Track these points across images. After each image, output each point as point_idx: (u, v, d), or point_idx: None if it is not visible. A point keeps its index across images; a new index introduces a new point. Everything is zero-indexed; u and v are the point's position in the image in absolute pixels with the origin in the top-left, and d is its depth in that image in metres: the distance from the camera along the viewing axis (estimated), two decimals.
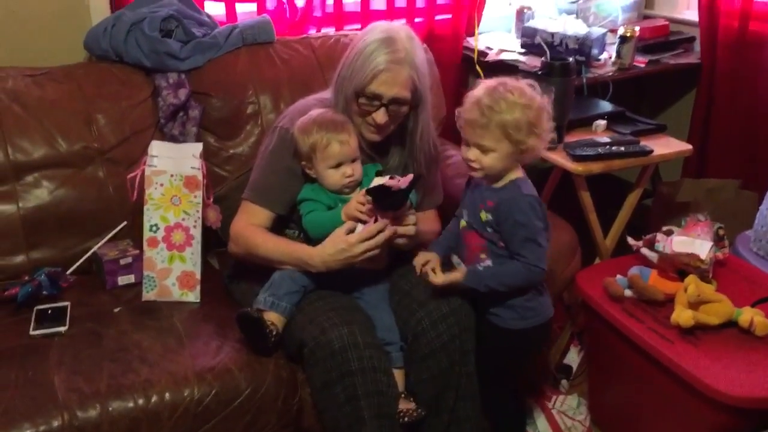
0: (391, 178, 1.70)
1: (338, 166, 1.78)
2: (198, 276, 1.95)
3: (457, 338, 1.78)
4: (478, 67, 2.40)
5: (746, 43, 2.75)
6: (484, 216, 1.71)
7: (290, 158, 1.85)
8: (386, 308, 1.85)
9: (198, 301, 1.95)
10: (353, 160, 1.80)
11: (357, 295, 1.86)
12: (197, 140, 2.21)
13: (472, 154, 1.68)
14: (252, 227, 1.86)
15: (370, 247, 1.70)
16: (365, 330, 1.73)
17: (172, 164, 1.94)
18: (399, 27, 1.85)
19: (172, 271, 1.93)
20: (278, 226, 1.92)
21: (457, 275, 1.74)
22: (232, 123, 2.27)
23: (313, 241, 1.80)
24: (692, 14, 2.94)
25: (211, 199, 2.07)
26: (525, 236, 1.67)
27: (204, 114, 2.24)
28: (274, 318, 1.75)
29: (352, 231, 1.72)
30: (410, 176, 1.71)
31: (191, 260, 1.94)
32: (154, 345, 1.73)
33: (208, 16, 2.42)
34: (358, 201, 1.73)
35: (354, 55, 1.79)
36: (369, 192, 1.69)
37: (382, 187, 1.68)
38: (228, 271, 2.06)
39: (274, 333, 1.72)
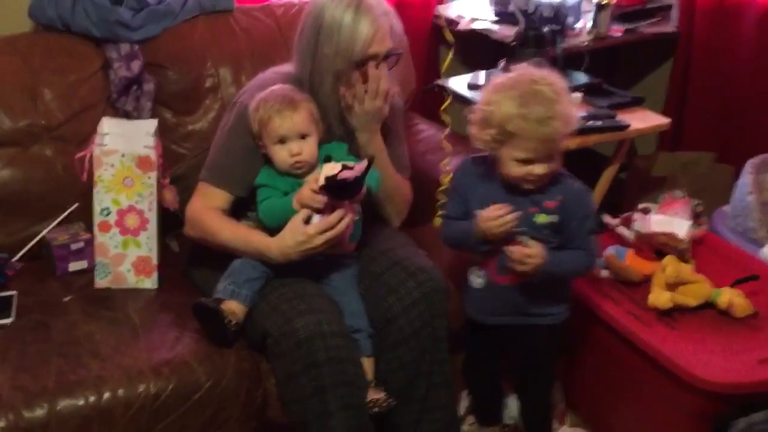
0: (343, 166, 1.59)
1: (283, 142, 1.68)
2: (155, 261, 1.84)
3: (429, 325, 1.71)
4: (447, 35, 2.30)
5: (725, 11, 2.67)
6: (544, 218, 1.64)
7: (249, 136, 1.74)
8: (354, 294, 1.77)
9: (155, 287, 1.85)
10: (302, 137, 1.69)
11: (324, 281, 1.77)
12: (152, 116, 2.08)
13: (543, 168, 1.59)
14: (209, 211, 1.76)
15: (331, 237, 1.62)
16: (332, 318, 1.65)
17: (125, 143, 1.82)
18: None
19: (126, 257, 1.82)
20: (239, 209, 1.81)
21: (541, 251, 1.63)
22: (189, 97, 2.14)
23: (270, 229, 1.70)
24: None
25: (168, 180, 1.96)
26: (590, 228, 1.66)
27: (159, 88, 2.10)
28: (234, 307, 1.66)
29: (308, 219, 1.63)
30: (364, 162, 1.62)
31: (147, 245, 1.83)
32: (107, 337, 1.63)
33: None
34: (310, 190, 1.63)
35: (329, 29, 1.69)
36: (323, 187, 1.59)
37: (335, 179, 1.58)
38: (188, 255, 1.95)
39: (234, 323, 1.63)
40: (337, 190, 1.59)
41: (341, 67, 1.71)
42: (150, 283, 1.84)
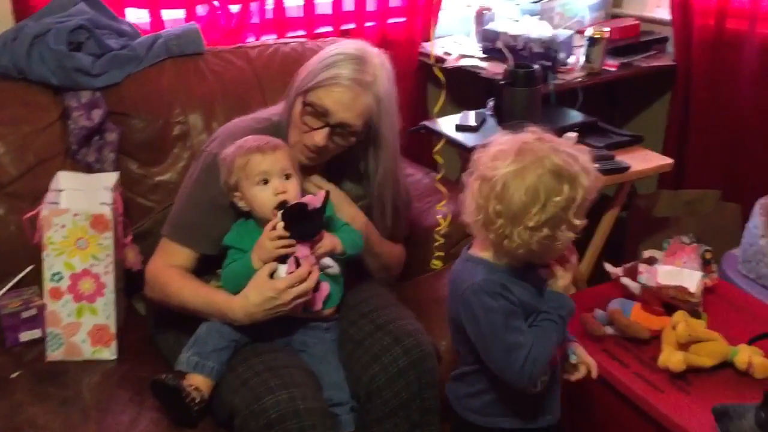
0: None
1: (266, 182, 1.52)
2: (113, 330, 1.67)
3: (418, 396, 1.54)
4: (438, 73, 2.17)
5: (723, 43, 2.56)
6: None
7: (217, 188, 1.59)
8: (334, 362, 1.60)
9: (114, 358, 1.67)
10: (286, 177, 1.54)
11: (300, 348, 1.60)
12: (116, 167, 1.93)
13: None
14: (169, 270, 1.60)
15: (302, 292, 1.47)
16: (308, 393, 1.47)
17: (80, 199, 1.67)
18: (374, 51, 1.63)
19: (81, 326, 1.65)
20: (208, 267, 1.65)
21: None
22: (156, 147, 1.99)
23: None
24: (664, 13, 2.74)
25: (130, 238, 1.80)
26: None
27: (123, 137, 1.96)
28: (198, 382, 1.48)
29: (272, 274, 1.48)
30: (322, 193, 1.49)
31: (104, 312, 1.66)
32: (52, 422, 1.44)
33: (129, 25, 2.13)
34: (269, 237, 1.47)
35: (317, 61, 1.58)
36: (283, 215, 1.45)
37: (296, 205, 1.45)
38: (153, 319, 1.78)
39: (197, 401, 1.46)
40: (297, 221, 1.45)
41: (293, 95, 1.58)
42: (108, 353, 1.67)
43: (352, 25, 2.53)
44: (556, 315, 1.35)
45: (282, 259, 1.49)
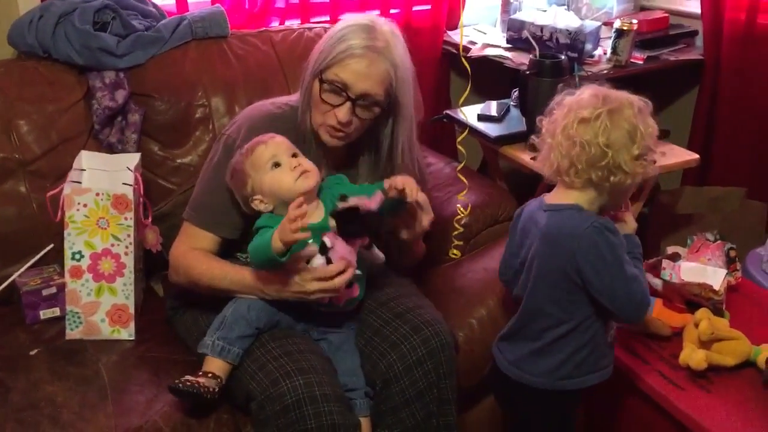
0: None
1: (277, 165, 1.50)
2: (132, 310, 1.67)
3: (435, 386, 1.53)
4: (465, 62, 2.14)
5: (754, 38, 2.50)
6: None
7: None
8: (351, 348, 1.59)
9: (132, 338, 1.68)
10: (293, 155, 1.52)
11: (319, 336, 1.59)
12: (138, 149, 1.93)
13: None
14: (193, 252, 1.60)
15: (325, 289, 1.45)
16: (325, 379, 1.46)
17: (103, 179, 1.67)
18: (382, 19, 1.60)
19: (100, 305, 1.65)
20: (229, 250, 1.65)
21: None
22: (178, 129, 1.99)
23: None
24: (694, 5, 2.69)
25: (150, 219, 1.80)
26: None
27: (146, 119, 1.96)
28: (217, 367, 1.48)
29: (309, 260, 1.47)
30: (380, 195, 1.48)
31: (123, 292, 1.66)
32: (71, 399, 1.45)
33: (155, 6, 2.13)
34: (288, 218, 1.37)
35: (326, 39, 1.55)
36: (333, 213, 1.46)
37: (349, 208, 1.45)
38: (171, 300, 1.78)
39: (216, 391, 1.45)
40: (347, 221, 1.48)
41: (309, 78, 1.55)
42: (126, 333, 1.68)
43: (376, 12, 2.51)
44: (638, 252, 1.49)
45: (323, 249, 1.47)
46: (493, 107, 2.36)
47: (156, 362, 1.59)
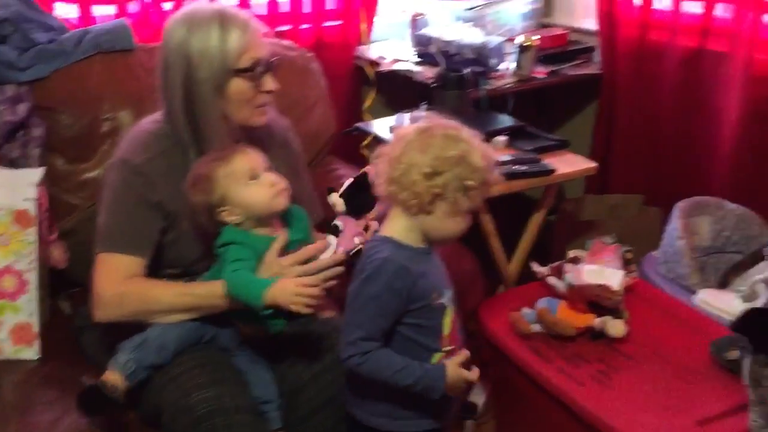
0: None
1: (254, 177, 1.48)
2: (36, 328, 1.63)
3: (343, 393, 1.54)
4: (368, 71, 2.19)
5: (646, 53, 2.65)
6: None
7: (142, 188, 1.54)
8: (263, 361, 1.59)
9: (37, 357, 1.63)
10: (268, 170, 1.51)
11: (234, 349, 1.59)
12: (41, 164, 1.88)
13: None
14: (133, 280, 1.51)
15: (308, 274, 1.44)
16: (236, 391, 1.46)
17: (3, 195, 1.62)
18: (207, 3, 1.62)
19: (2, 324, 1.60)
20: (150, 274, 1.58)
21: None
22: (84, 143, 1.95)
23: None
24: (591, 23, 2.83)
25: (55, 235, 1.76)
26: None
27: (51, 132, 1.92)
28: (117, 381, 1.44)
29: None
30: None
31: (26, 310, 1.62)
32: None
33: (57, 20, 2.09)
34: (300, 283, 1.38)
35: (199, 56, 1.51)
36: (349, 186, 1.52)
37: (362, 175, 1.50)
38: (79, 318, 1.74)
39: (118, 391, 1.43)
40: (358, 193, 1.52)
41: (216, 83, 1.52)
42: (31, 353, 1.63)
43: (287, 27, 2.53)
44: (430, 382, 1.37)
45: (335, 231, 1.51)
46: (405, 119, 2.41)
47: (62, 381, 1.55)
